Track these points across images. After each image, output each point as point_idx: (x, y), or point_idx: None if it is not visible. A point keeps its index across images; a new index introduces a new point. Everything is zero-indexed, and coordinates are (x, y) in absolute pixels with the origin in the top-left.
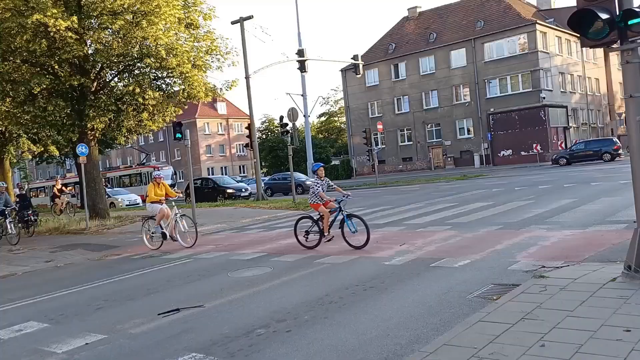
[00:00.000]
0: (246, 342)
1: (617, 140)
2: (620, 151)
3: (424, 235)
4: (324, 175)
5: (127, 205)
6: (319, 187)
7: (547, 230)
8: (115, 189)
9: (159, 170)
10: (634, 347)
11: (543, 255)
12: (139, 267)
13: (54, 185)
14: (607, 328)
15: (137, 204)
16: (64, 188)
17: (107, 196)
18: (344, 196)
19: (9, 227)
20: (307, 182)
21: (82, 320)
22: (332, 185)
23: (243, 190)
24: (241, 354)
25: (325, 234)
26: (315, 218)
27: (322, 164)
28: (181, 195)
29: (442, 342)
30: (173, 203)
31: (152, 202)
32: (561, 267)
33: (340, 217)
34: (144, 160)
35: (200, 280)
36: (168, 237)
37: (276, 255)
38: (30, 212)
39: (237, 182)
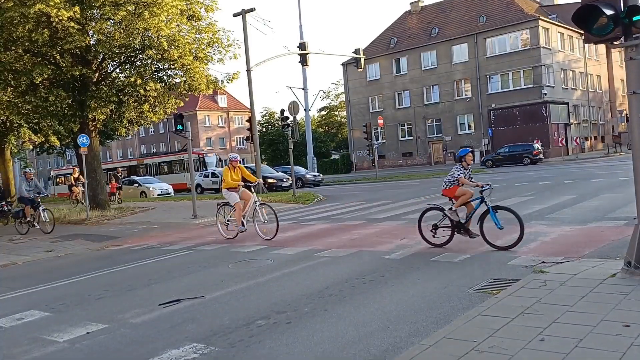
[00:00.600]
0: (246, 333)
1: (538, 146)
2: (540, 155)
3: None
4: (471, 162)
5: (158, 194)
6: (460, 173)
7: (547, 226)
8: (146, 177)
9: (209, 154)
10: (633, 342)
11: (543, 250)
12: (140, 257)
13: (71, 174)
14: (606, 323)
15: (169, 193)
16: (80, 177)
17: (136, 185)
18: (486, 185)
19: (42, 215)
20: (307, 176)
21: (83, 309)
22: (472, 178)
23: (284, 180)
24: (241, 345)
25: (469, 227)
26: (446, 209)
27: (470, 149)
28: (260, 180)
29: (442, 336)
30: (252, 189)
31: (228, 189)
32: (561, 262)
33: (481, 209)
34: (185, 146)
35: (200, 272)
36: (245, 228)
37: (276, 247)
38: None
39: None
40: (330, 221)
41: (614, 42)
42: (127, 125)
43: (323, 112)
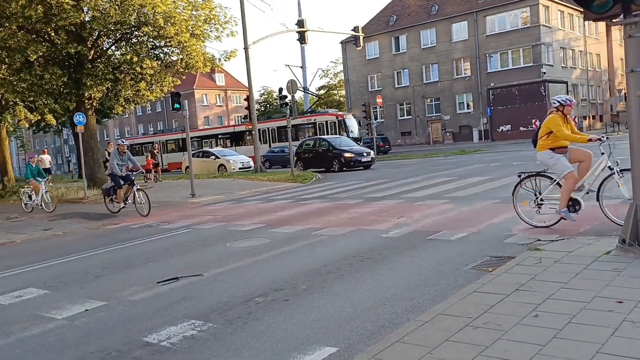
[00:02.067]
0: (244, 310)
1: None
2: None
3: (421, 208)
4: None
5: (240, 169)
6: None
7: None
8: (217, 149)
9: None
10: (625, 318)
11: (539, 229)
12: (138, 236)
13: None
14: (599, 299)
15: (250, 167)
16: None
17: (213, 157)
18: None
19: (136, 195)
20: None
21: (81, 287)
22: None
23: (364, 154)
24: (239, 322)
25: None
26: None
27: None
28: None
29: (438, 312)
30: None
31: (554, 150)
32: (556, 240)
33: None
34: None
35: (198, 250)
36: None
37: (275, 226)
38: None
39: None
40: (328, 200)
41: (613, 20)
42: (123, 103)
43: (322, 91)
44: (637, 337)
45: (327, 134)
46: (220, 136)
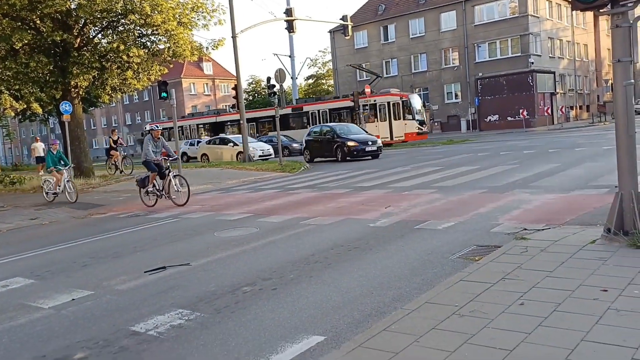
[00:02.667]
0: (232, 299)
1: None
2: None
3: (409, 198)
4: None
5: (260, 157)
6: None
7: (530, 194)
8: (236, 136)
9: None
10: (609, 306)
11: (525, 218)
12: (125, 225)
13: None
14: (584, 288)
15: (270, 155)
16: (120, 140)
17: (232, 144)
18: None
19: (173, 182)
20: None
21: (68, 276)
22: None
23: (369, 143)
24: (227, 310)
25: None
26: None
27: None
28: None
29: (425, 300)
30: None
31: None
32: (542, 229)
33: None
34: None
35: (186, 240)
36: None
37: (263, 216)
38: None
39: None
40: (316, 190)
41: (601, 10)
42: (110, 92)
43: (310, 81)
44: (621, 325)
45: (389, 116)
46: (262, 119)
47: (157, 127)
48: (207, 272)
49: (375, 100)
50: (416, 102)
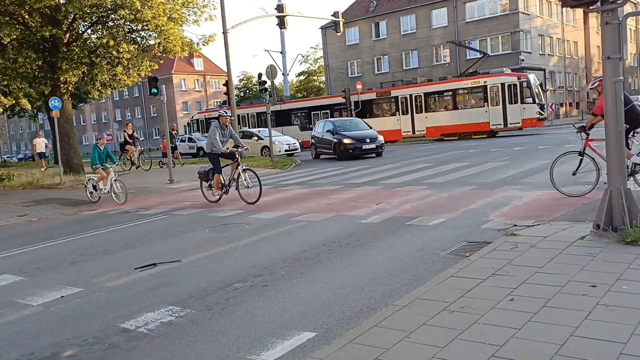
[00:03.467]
0: (223, 296)
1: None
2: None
3: (400, 194)
4: None
5: (286, 151)
6: None
7: (520, 191)
8: (259, 129)
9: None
10: (598, 302)
11: (515, 214)
12: (115, 222)
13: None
14: (574, 283)
15: (296, 149)
16: (135, 134)
17: (256, 138)
18: None
19: (242, 177)
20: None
21: (57, 273)
22: None
23: (367, 140)
24: (218, 307)
25: None
26: None
27: None
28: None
29: (415, 296)
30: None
31: None
32: (532, 225)
33: None
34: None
35: (177, 236)
36: None
37: (254, 212)
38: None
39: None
40: (307, 186)
41: (591, 7)
42: (100, 88)
43: (302, 77)
44: (610, 320)
45: (504, 100)
46: (326, 107)
47: (226, 112)
48: (198, 269)
49: (485, 82)
50: (535, 82)
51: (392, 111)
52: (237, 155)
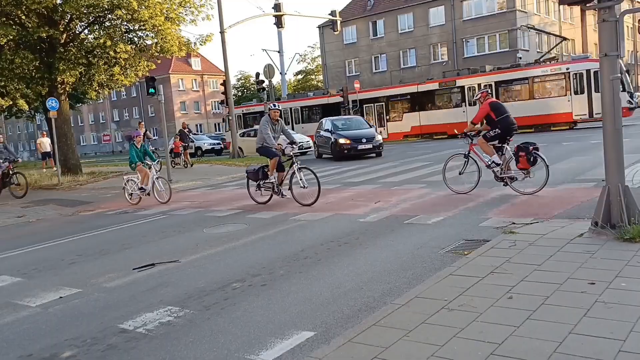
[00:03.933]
0: (222, 296)
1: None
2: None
3: (398, 193)
4: None
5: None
6: None
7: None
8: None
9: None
10: (597, 299)
11: (513, 212)
12: (113, 222)
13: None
14: (572, 281)
15: (309, 147)
16: (148, 134)
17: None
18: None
19: (297, 176)
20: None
21: (55, 274)
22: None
23: (363, 140)
24: (217, 307)
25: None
26: None
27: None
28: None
29: (414, 295)
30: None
31: None
32: (530, 223)
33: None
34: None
35: (175, 236)
36: None
37: (252, 212)
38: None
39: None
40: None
41: (588, 4)
42: (97, 88)
43: (299, 76)
44: (609, 318)
45: (589, 88)
46: (400, 97)
47: (275, 105)
48: (196, 269)
49: (568, 68)
50: (623, 68)
51: (456, 102)
52: (291, 153)
